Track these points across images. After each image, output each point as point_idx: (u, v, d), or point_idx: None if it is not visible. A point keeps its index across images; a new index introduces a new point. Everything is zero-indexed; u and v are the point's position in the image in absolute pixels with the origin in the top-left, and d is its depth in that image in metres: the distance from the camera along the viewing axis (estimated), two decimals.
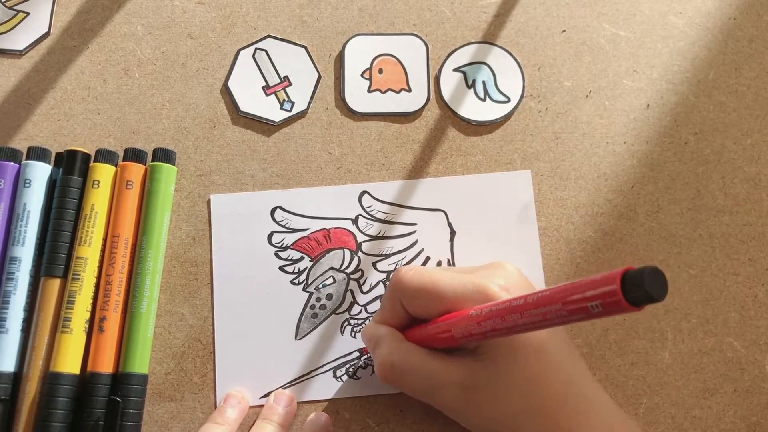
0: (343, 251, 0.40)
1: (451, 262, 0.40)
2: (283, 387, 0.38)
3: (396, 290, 0.34)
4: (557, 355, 0.32)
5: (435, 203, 0.41)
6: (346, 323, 0.39)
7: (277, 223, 0.40)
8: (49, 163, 0.39)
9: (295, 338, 0.39)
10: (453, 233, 0.40)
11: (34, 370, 0.36)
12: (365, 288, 0.40)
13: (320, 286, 0.40)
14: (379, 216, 0.40)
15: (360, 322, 0.39)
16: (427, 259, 0.40)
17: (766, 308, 0.40)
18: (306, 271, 0.40)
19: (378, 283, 0.40)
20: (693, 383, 0.39)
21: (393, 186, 0.41)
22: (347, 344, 0.39)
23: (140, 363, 0.37)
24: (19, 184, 0.38)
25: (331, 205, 0.41)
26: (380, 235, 0.40)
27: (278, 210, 0.40)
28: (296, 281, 0.39)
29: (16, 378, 0.36)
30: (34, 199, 0.38)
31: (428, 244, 0.40)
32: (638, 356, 0.39)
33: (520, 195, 0.41)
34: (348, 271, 0.40)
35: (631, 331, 0.39)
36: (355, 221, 0.40)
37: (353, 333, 0.39)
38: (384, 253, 0.40)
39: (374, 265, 0.40)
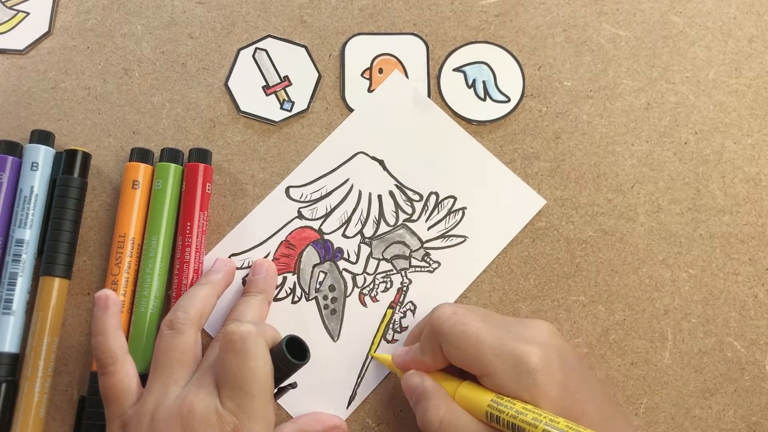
0: (313, 245, 0.40)
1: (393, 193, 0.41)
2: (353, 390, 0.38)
3: (435, 334, 0.34)
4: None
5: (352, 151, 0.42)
6: (363, 296, 0.39)
7: (241, 268, 0.40)
8: (53, 147, 0.40)
9: (334, 341, 0.39)
10: (381, 162, 0.41)
11: (36, 352, 0.36)
12: (353, 259, 0.40)
13: (318, 286, 0.40)
14: (315, 196, 0.41)
15: (370, 286, 0.39)
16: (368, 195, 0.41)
17: (766, 308, 0.40)
18: (296, 285, 0.40)
19: (359, 246, 0.40)
20: (693, 383, 0.39)
21: (307, 165, 0.41)
22: (376, 310, 0.39)
23: (145, 362, 0.36)
24: (23, 166, 0.38)
25: (272, 218, 0.40)
26: (328, 210, 0.40)
27: (233, 256, 0.40)
28: (295, 299, 0.40)
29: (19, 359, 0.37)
30: (39, 182, 0.38)
31: (362, 183, 0.41)
32: (638, 356, 0.39)
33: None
34: (329, 257, 0.40)
35: (631, 331, 0.39)
36: (300, 216, 0.40)
37: (372, 297, 0.39)
38: (340, 220, 0.40)
39: (343, 235, 0.40)
